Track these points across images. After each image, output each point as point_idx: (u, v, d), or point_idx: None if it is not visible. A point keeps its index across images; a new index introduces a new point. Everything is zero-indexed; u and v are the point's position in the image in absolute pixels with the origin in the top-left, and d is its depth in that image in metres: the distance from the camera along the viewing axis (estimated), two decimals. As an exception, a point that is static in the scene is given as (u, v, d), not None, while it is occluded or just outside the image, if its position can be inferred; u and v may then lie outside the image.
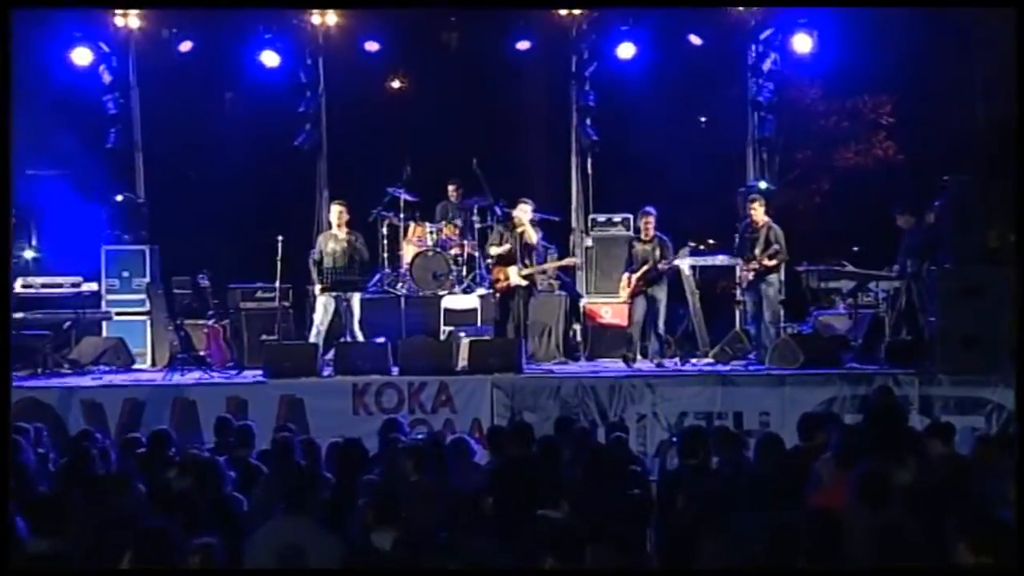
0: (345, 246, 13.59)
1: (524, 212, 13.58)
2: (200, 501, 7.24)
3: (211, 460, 8.00)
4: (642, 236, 13.70)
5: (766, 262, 13.40)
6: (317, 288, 13.69)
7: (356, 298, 13.60)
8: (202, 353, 14.11)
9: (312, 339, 13.49)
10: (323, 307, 13.57)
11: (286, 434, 9.16)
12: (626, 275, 13.69)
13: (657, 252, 13.53)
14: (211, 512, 7.13)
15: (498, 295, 13.63)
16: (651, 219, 13.64)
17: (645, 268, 13.49)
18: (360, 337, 13.52)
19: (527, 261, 13.49)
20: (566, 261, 14.48)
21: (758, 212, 13.60)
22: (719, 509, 6.80)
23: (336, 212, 13.77)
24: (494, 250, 13.65)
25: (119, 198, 15.39)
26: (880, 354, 12.93)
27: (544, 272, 14.12)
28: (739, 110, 15.77)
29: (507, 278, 13.48)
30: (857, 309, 13.69)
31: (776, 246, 13.45)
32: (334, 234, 13.73)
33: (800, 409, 11.60)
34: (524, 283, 13.45)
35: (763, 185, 15.09)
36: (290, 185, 16.55)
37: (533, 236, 13.62)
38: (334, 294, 13.49)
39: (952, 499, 6.94)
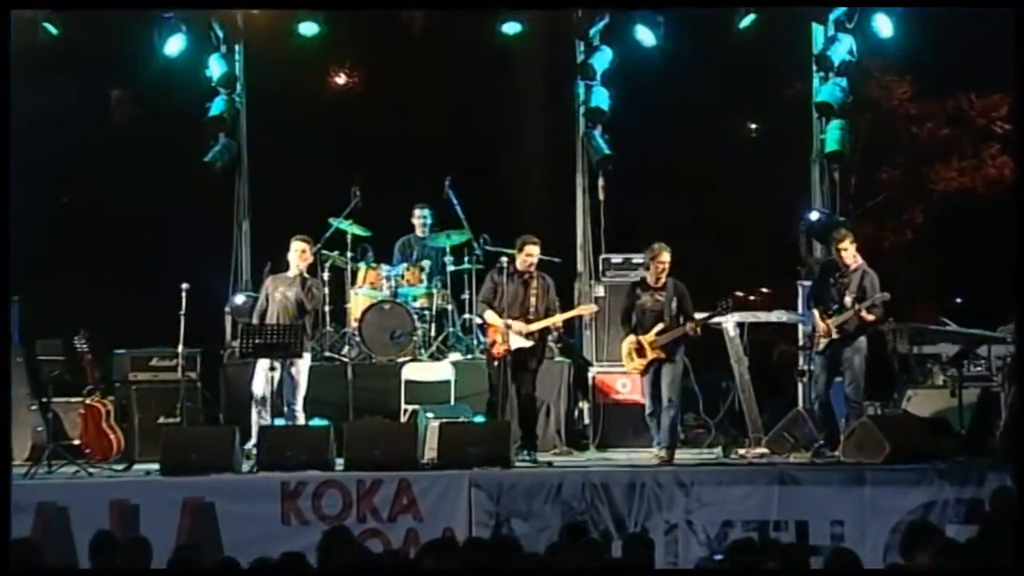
0: (298, 291, 13.66)
1: (533, 256, 13.54)
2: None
3: None
4: (651, 281, 13.53)
5: (865, 315, 13.42)
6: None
7: (303, 365, 13.61)
8: (77, 442, 14.11)
9: (255, 421, 13.45)
10: (263, 372, 13.47)
11: (188, 552, 9.14)
12: (632, 337, 13.50)
13: (674, 304, 13.42)
14: None
15: (496, 363, 13.49)
16: (665, 258, 13.48)
17: (671, 332, 13.35)
18: (301, 419, 13.55)
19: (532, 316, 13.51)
20: (581, 309, 14.50)
21: (848, 252, 13.56)
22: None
23: (298, 251, 13.81)
24: (490, 316, 13.58)
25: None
26: (994, 443, 13.02)
27: (555, 327, 14.03)
28: (801, 115, 15.93)
29: (505, 340, 13.40)
30: (962, 382, 13.77)
31: (881, 296, 13.43)
32: (287, 277, 13.82)
33: (885, 517, 11.70)
34: (528, 344, 13.46)
35: (813, 216, 15.07)
36: (198, 215, 16.60)
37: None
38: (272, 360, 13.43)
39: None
